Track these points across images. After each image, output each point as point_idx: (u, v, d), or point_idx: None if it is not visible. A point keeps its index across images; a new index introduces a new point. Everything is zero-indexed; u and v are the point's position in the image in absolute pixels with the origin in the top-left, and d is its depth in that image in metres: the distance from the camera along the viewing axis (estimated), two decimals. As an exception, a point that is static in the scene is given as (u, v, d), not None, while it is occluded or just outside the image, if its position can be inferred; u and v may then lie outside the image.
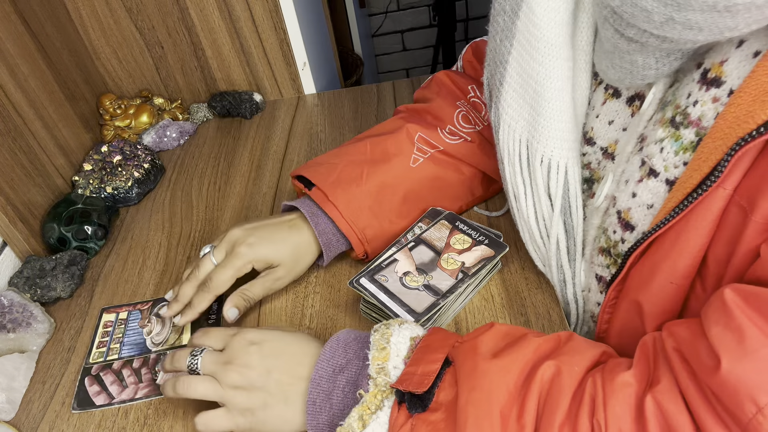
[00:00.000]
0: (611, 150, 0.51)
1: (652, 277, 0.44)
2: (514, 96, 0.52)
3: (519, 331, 0.47)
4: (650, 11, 0.37)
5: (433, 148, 0.68)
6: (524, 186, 0.55)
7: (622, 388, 0.38)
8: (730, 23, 0.35)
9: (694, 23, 0.36)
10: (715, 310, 0.36)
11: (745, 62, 0.38)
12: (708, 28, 0.36)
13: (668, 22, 0.37)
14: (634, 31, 0.40)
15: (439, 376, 0.44)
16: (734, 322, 0.34)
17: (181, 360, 0.54)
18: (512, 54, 0.51)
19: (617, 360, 0.43)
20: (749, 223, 0.37)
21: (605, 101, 0.51)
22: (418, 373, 0.44)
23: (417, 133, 0.68)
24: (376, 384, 0.45)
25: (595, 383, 0.39)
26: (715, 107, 0.40)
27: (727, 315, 0.34)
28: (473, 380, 0.42)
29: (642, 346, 0.42)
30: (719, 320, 0.35)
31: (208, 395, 0.50)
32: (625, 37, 0.42)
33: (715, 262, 0.41)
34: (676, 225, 0.42)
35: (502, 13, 0.51)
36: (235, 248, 0.61)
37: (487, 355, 0.43)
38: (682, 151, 0.42)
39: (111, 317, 0.68)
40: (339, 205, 0.63)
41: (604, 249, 0.51)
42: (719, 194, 0.39)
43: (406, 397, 0.44)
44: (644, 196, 0.45)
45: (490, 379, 0.41)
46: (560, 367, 0.41)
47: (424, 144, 0.68)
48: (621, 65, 0.45)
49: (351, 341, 0.51)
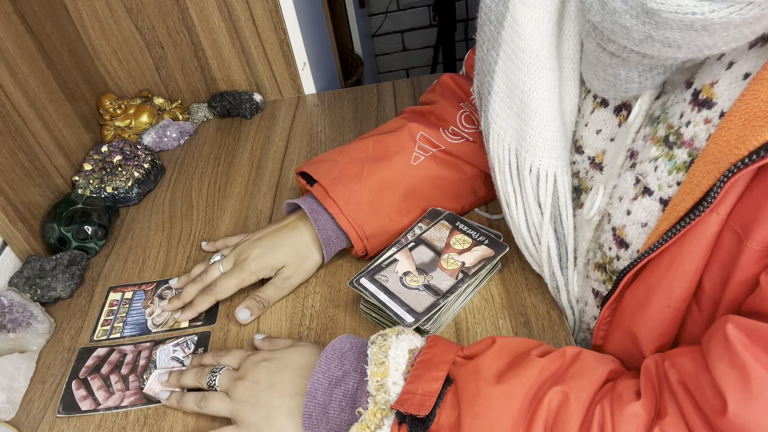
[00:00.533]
0: (599, 160, 0.51)
1: (648, 301, 0.44)
2: (502, 105, 0.53)
3: (523, 346, 0.46)
4: (629, 28, 0.37)
5: (435, 147, 0.68)
6: (515, 194, 0.55)
7: (631, 419, 0.38)
8: (709, 41, 0.35)
9: (673, 41, 0.36)
10: (717, 345, 0.36)
11: (735, 84, 0.38)
12: (687, 45, 0.36)
13: (647, 40, 0.37)
14: (615, 46, 0.40)
15: (441, 395, 0.44)
16: (738, 359, 0.34)
17: (189, 379, 0.56)
18: (499, 64, 0.51)
19: (625, 383, 0.42)
20: (744, 249, 0.37)
21: (594, 110, 0.51)
22: (418, 392, 0.44)
23: (419, 132, 0.68)
24: (376, 402, 0.44)
25: (604, 412, 0.39)
26: (707, 128, 0.39)
27: (731, 352, 0.34)
28: (476, 406, 0.41)
29: (645, 372, 0.42)
30: (723, 357, 0.35)
31: (220, 411, 0.53)
32: (607, 52, 0.42)
33: (711, 286, 0.41)
34: (671, 248, 0.41)
35: (488, 23, 0.51)
36: (241, 260, 0.65)
37: (490, 378, 0.43)
38: (675, 171, 0.42)
39: (117, 296, 0.70)
40: (339, 200, 0.63)
41: (600, 265, 0.51)
42: (713, 219, 0.38)
43: (407, 419, 0.43)
44: (639, 215, 0.45)
45: (494, 406, 0.41)
46: (567, 394, 0.40)
47: (425, 143, 0.68)
48: (605, 77, 0.45)
49: (347, 351, 0.50)
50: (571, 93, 0.52)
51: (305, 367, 0.52)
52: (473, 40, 0.56)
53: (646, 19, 0.36)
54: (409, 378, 0.45)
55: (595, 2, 0.39)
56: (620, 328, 0.48)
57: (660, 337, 0.45)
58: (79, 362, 0.63)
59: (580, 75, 0.51)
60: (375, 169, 0.66)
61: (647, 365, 0.42)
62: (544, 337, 0.57)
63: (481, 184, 0.71)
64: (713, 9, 0.33)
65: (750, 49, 0.37)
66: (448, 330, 0.59)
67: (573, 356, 0.44)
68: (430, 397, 0.43)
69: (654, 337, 0.45)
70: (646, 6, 0.35)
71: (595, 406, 0.40)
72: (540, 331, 0.58)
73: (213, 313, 0.66)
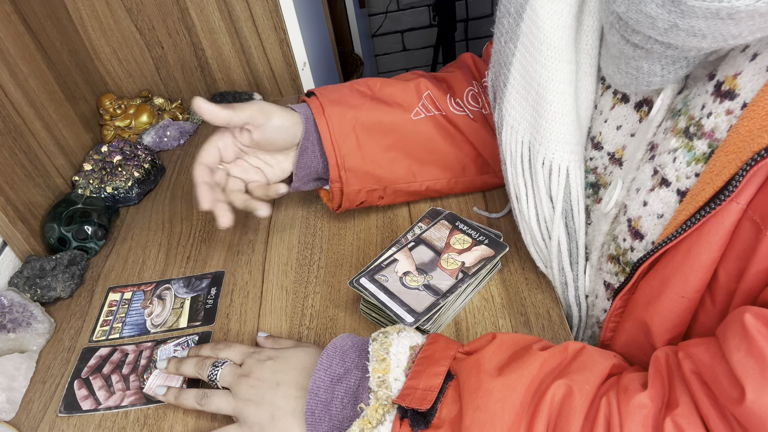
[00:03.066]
0: (618, 155, 0.51)
1: (663, 291, 0.44)
2: (517, 98, 0.53)
3: (523, 341, 0.46)
4: (654, 18, 0.37)
5: (437, 111, 0.68)
6: (526, 187, 0.55)
7: (638, 410, 0.38)
8: (734, 30, 0.35)
9: (698, 30, 0.36)
10: (734, 335, 0.36)
11: (759, 76, 0.38)
12: (711, 35, 0.36)
13: (672, 29, 0.37)
14: (640, 37, 0.40)
15: (442, 391, 0.44)
16: (756, 348, 0.34)
17: (188, 368, 0.55)
18: (516, 56, 0.51)
19: (630, 375, 0.42)
20: (763, 239, 0.37)
21: (614, 106, 0.51)
22: (420, 387, 0.44)
23: (427, 91, 0.68)
24: (377, 398, 0.45)
25: (610, 403, 0.39)
26: (728, 119, 0.39)
27: (749, 341, 0.34)
28: (478, 399, 0.41)
29: (655, 363, 0.42)
30: (740, 346, 0.35)
31: (222, 409, 0.52)
32: (631, 43, 0.42)
33: (726, 277, 0.41)
34: (688, 238, 0.41)
35: (507, 15, 0.51)
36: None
37: (491, 371, 0.43)
38: (694, 162, 0.42)
39: (116, 297, 0.70)
40: (331, 122, 0.63)
41: (614, 256, 0.51)
42: (732, 208, 0.38)
43: (409, 413, 0.43)
44: (655, 206, 0.45)
45: (495, 399, 0.41)
46: (571, 387, 0.40)
47: (429, 102, 0.68)
48: (627, 71, 0.45)
49: (348, 349, 0.50)
50: (587, 88, 0.52)
51: (310, 368, 0.51)
52: (473, 40, 0.56)
53: (672, 7, 0.36)
54: (411, 374, 0.45)
55: None
56: (632, 319, 0.48)
57: (673, 328, 0.45)
58: (82, 362, 0.63)
59: (597, 71, 0.51)
60: (375, 107, 0.66)
61: (657, 356, 0.42)
62: (544, 337, 0.57)
63: (471, 163, 0.71)
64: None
65: None
66: (448, 330, 0.59)
67: (576, 351, 0.44)
68: (432, 391, 0.43)
69: (667, 327, 0.45)
70: None
71: (600, 398, 0.40)
72: (540, 331, 0.58)
73: (213, 313, 0.66)
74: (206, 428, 0.55)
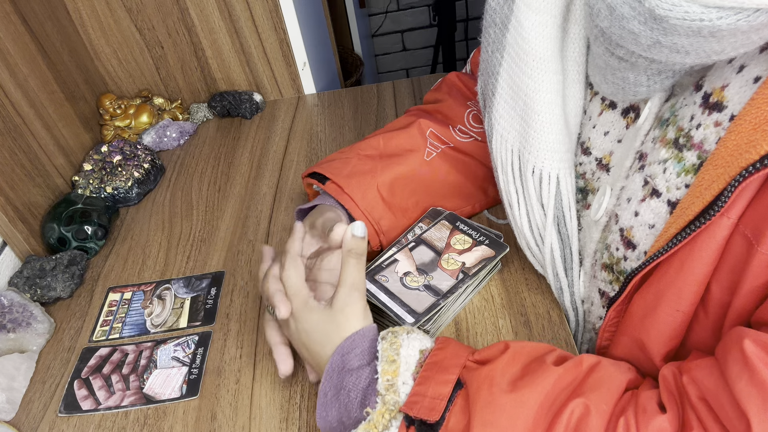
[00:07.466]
0: (606, 161, 0.51)
1: (658, 305, 0.44)
2: (506, 107, 0.53)
3: (536, 352, 0.45)
4: (637, 34, 0.37)
5: (444, 144, 0.68)
6: (517, 194, 0.55)
7: None
8: (717, 47, 0.35)
9: (681, 47, 0.36)
10: (735, 362, 0.36)
11: (746, 88, 0.38)
12: (695, 51, 0.36)
13: (655, 45, 0.37)
14: (624, 51, 0.40)
15: (450, 399, 0.43)
16: (758, 377, 0.34)
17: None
18: (503, 66, 0.51)
19: (646, 393, 0.41)
20: (755, 254, 0.37)
21: (602, 112, 0.51)
22: (428, 395, 0.43)
23: (429, 129, 0.68)
24: (384, 402, 0.44)
25: (629, 425, 0.39)
26: (717, 131, 0.39)
27: (750, 369, 0.34)
28: (489, 414, 0.40)
29: (665, 383, 0.41)
30: (741, 375, 0.35)
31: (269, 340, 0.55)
32: (615, 56, 0.42)
33: (720, 291, 0.41)
34: (680, 252, 0.41)
35: (492, 25, 0.51)
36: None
37: (504, 386, 0.42)
38: (684, 173, 0.42)
39: (116, 297, 0.70)
40: (355, 196, 0.63)
41: (607, 265, 0.51)
42: (723, 223, 0.38)
43: (416, 423, 0.43)
44: (646, 216, 0.45)
45: (507, 415, 0.40)
46: (588, 407, 0.40)
47: (435, 140, 0.68)
48: (613, 81, 0.45)
49: (367, 348, 0.49)
50: (575, 95, 0.52)
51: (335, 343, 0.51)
52: (473, 40, 0.56)
53: (654, 25, 0.36)
54: (419, 379, 0.45)
55: (603, 8, 0.39)
56: (627, 334, 0.48)
57: (669, 341, 0.45)
58: (82, 362, 0.63)
59: (585, 77, 0.51)
60: (388, 165, 0.66)
61: (665, 376, 0.42)
62: (544, 337, 0.57)
63: (490, 185, 0.71)
64: (721, 16, 0.33)
65: (761, 53, 0.37)
66: (448, 330, 0.59)
67: (590, 366, 0.43)
68: (440, 400, 0.43)
69: (663, 341, 0.45)
70: (654, 12, 0.35)
71: (617, 418, 0.39)
72: (540, 331, 0.58)
73: (213, 313, 0.66)
74: (206, 429, 0.55)
